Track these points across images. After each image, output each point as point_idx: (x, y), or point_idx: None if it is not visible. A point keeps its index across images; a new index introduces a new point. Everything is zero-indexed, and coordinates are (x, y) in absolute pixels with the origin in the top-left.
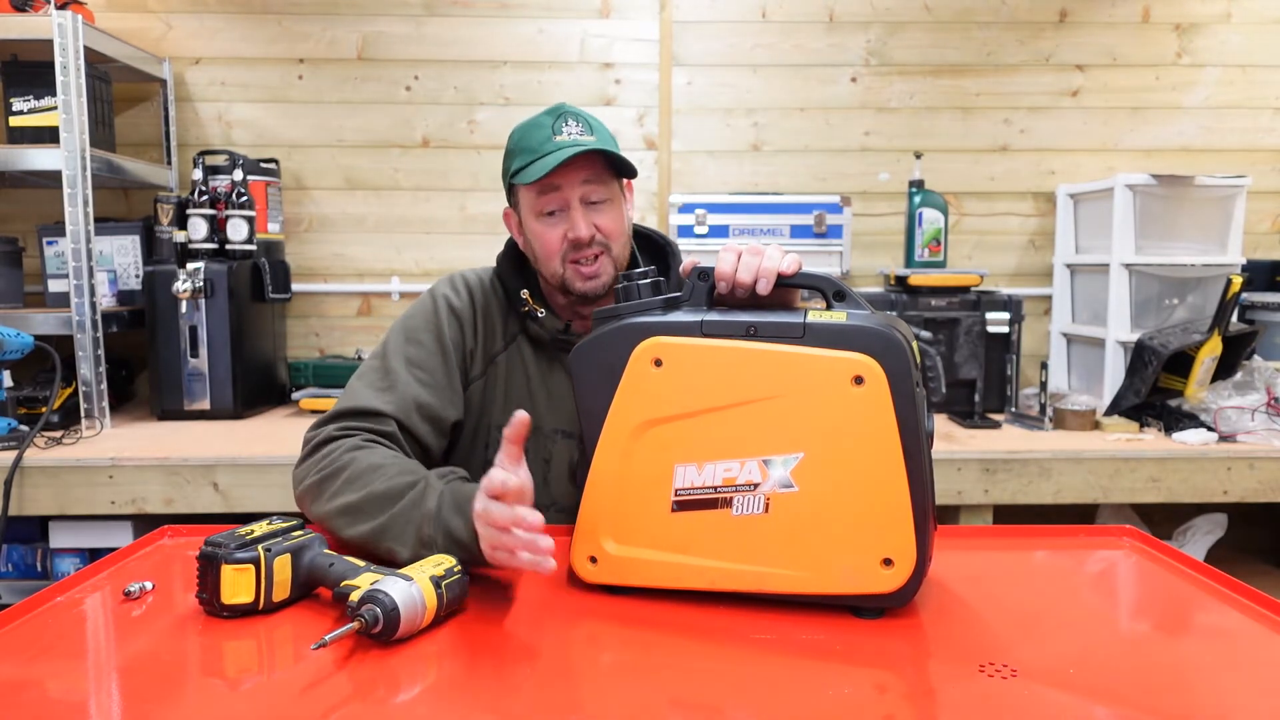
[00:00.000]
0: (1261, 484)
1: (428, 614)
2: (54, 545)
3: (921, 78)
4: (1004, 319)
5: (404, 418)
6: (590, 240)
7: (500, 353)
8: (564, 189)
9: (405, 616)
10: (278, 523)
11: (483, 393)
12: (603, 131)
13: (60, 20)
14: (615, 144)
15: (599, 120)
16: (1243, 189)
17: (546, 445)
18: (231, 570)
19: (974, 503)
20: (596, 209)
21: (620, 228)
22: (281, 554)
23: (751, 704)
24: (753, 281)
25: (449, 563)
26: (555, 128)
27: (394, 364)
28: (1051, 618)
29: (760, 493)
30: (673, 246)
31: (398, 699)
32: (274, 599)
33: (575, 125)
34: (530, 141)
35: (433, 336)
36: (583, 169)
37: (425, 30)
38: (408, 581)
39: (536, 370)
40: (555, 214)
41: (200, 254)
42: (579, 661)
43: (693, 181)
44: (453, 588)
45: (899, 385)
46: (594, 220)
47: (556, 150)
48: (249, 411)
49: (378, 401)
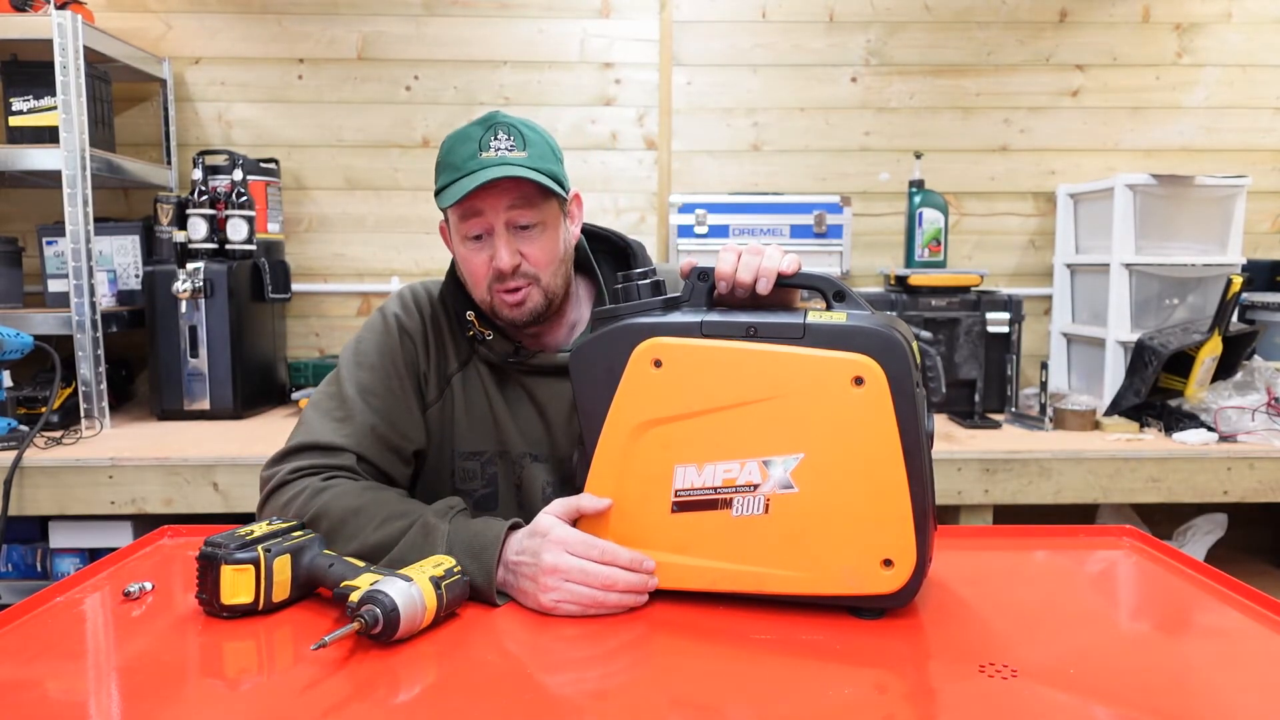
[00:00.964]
0: (1261, 484)
1: (428, 614)
2: (54, 545)
3: (921, 78)
4: (1004, 319)
5: (362, 450)
6: (514, 271)
7: (455, 374)
8: (487, 213)
9: (405, 617)
10: (278, 523)
11: (441, 416)
12: (539, 145)
13: (60, 20)
14: (554, 157)
15: (538, 130)
16: (1243, 189)
17: (516, 470)
18: (231, 571)
19: (974, 503)
20: (524, 235)
21: (551, 255)
22: (281, 554)
23: (751, 704)
24: (753, 281)
25: (449, 563)
26: (483, 142)
27: (348, 391)
28: (1051, 618)
29: (760, 493)
30: (635, 247)
31: (398, 699)
32: (274, 599)
33: (506, 139)
34: (456, 156)
35: (386, 360)
36: (509, 192)
37: (425, 30)
38: (408, 582)
39: (496, 392)
40: (481, 238)
41: (200, 254)
42: (579, 661)
43: (693, 181)
44: (453, 588)
45: (899, 386)
46: (520, 248)
47: (480, 169)
48: (249, 411)
49: (334, 435)
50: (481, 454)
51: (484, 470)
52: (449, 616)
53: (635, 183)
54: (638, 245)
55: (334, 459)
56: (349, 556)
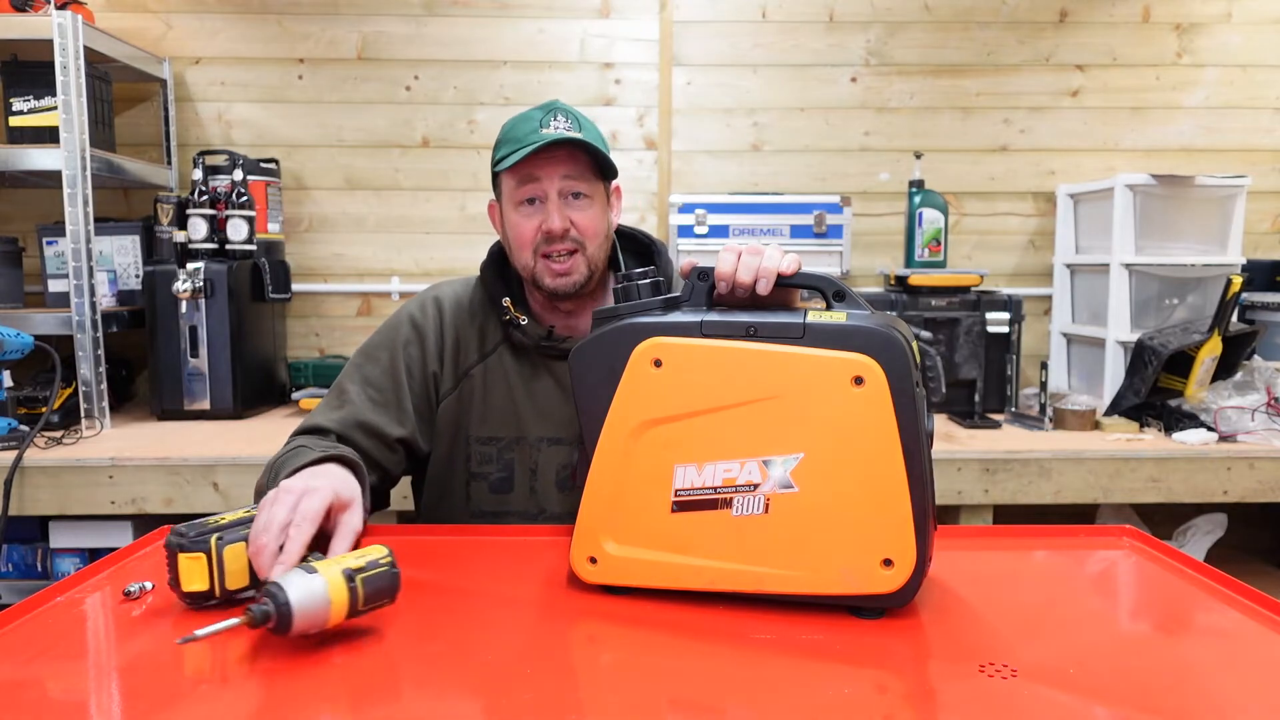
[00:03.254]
0: (1261, 484)
1: (334, 610)
2: (54, 545)
3: (921, 78)
4: (1004, 319)
5: (344, 431)
6: (564, 234)
7: (475, 365)
8: (543, 180)
9: (301, 613)
10: (253, 511)
11: (457, 405)
12: (593, 131)
13: (60, 20)
14: (605, 145)
15: (592, 121)
16: (1243, 189)
17: (532, 454)
18: (186, 559)
19: (974, 503)
20: (575, 204)
21: (598, 228)
22: (234, 543)
23: (751, 704)
24: (753, 281)
25: (377, 553)
26: (544, 121)
27: (348, 384)
28: (1051, 618)
29: (760, 493)
30: (658, 246)
31: (397, 699)
32: (229, 587)
33: (564, 120)
34: (517, 132)
35: (389, 355)
36: (564, 163)
37: (425, 30)
38: (312, 575)
39: (519, 378)
40: (533, 204)
41: (200, 254)
42: (579, 661)
43: (693, 181)
44: (373, 581)
45: (899, 385)
46: (571, 215)
47: (541, 142)
48: (249, 411)
49: (324, 419)
50: (499, 439)
51: (500, 455)
52: (374, 609)
53: (635, 183)
54: (661, 245)
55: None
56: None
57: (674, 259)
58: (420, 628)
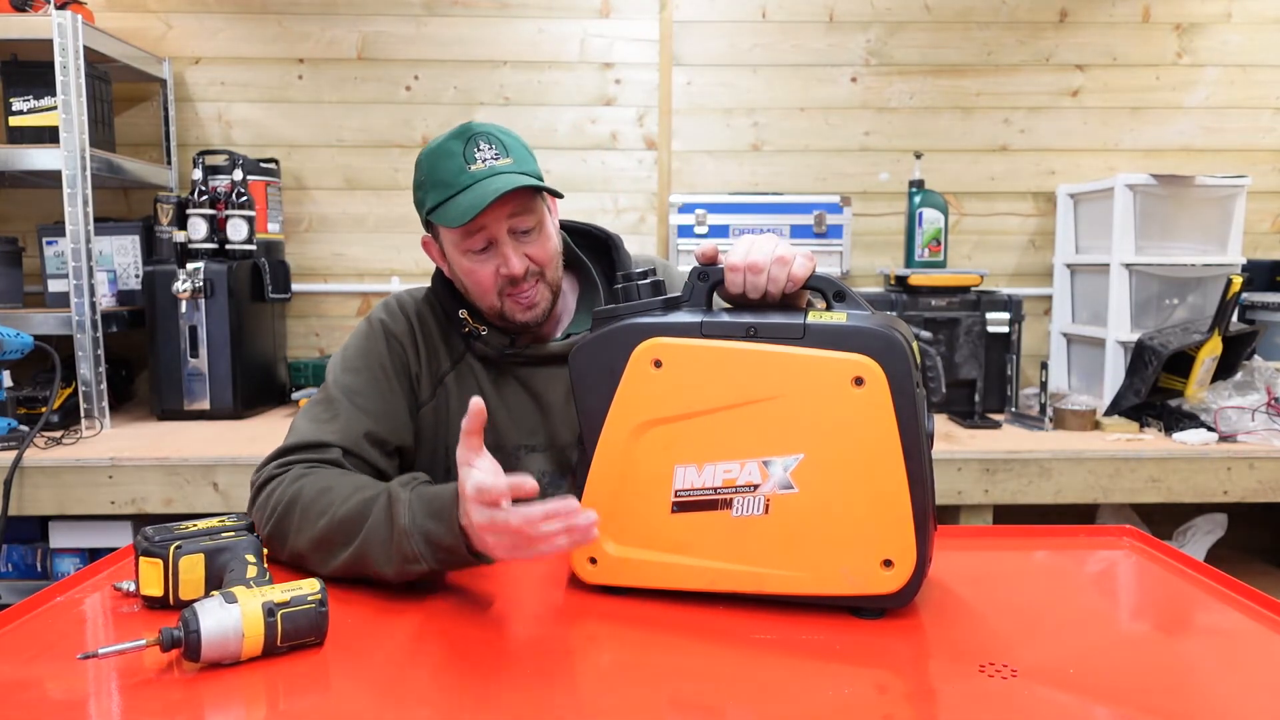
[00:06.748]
0: (1261, 484)
1: (246, 644)
2: (54, 545)
3: (921, 78)
4: (1004, 319)
5: (350, 445)
6: (525, 274)
7: (448, 373)
8: (490, 226)
9: (211, 643)
10: (228, 521)
11: (435, 415)
12: (518, 148)
13: (60, 20)
14: (532, 159)
15: (510, 134)
16: (1243, 189)
17: (511, 462)
18: (146, 563)
19: (974, 503)
20: (525, 239)
21: (552, 250)
22: (193, 553)
23: (751, 704)
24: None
25: (308, 589)
26: (467, 154)
27: (335, 395)
28: (1051, 618)
29: (760, 494)
30: (615, 240)
31: (397, 699)
32: (181, 596)
33: (489, 148)
34: (443, 174)
35: (371, 363)
36: (508, 202)
37: (425, 30)
38: (230, 606)
39: (491, 387)
40: (485, 250)
41: (200, 254)
42: (579, 661)
43: (693, 181)
44: (295, 618)
45: (899, 386)
46: (525, 251)
47: (473, 184)
48: (249, 411)
49: (321, 433)
50: None
51: None
52: (296, 648)
53: (635, 183)
54: (617, 237)
55: (321, 454)
56: (323, 535)
57: (674, 259)
58: (420, 628)
